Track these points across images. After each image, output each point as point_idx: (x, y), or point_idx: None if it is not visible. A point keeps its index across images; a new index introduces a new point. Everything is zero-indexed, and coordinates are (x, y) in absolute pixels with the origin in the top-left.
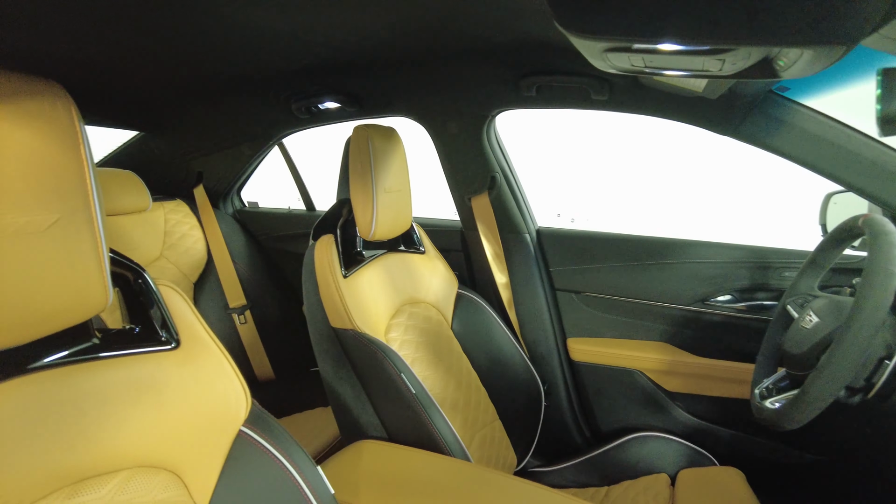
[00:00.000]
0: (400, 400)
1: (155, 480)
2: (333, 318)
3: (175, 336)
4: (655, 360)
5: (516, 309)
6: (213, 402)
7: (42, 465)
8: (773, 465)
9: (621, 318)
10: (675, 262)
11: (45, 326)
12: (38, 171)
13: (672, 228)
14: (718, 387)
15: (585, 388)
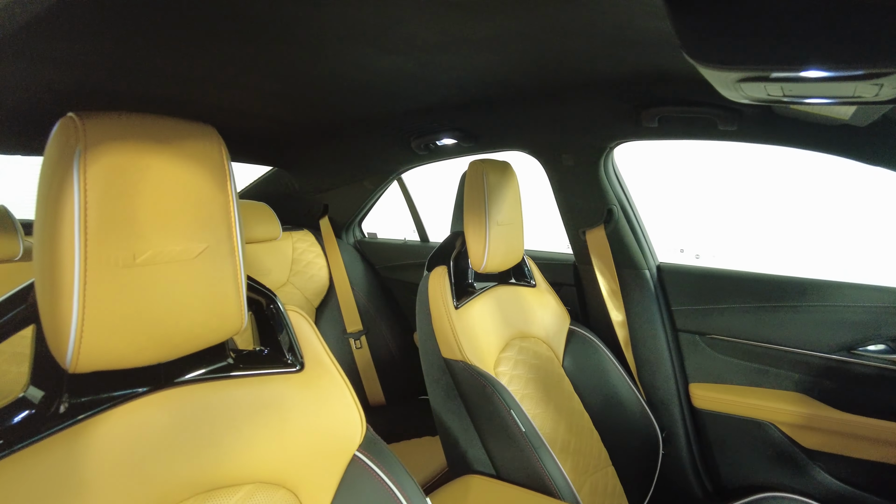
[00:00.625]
0: (509, 437)
1: (275, 497)
2: (444, 348)
3: (300, 359)
4: (791, 412)
5: (633, 349)
6: (332, 425)
7: (181, 472)
8: None
9: (751, 365)
10: (815, 305)
11: (190, 345)
12: (193, 205)
13: (810, 268)
14: (871, 449)
15: (708, 438)
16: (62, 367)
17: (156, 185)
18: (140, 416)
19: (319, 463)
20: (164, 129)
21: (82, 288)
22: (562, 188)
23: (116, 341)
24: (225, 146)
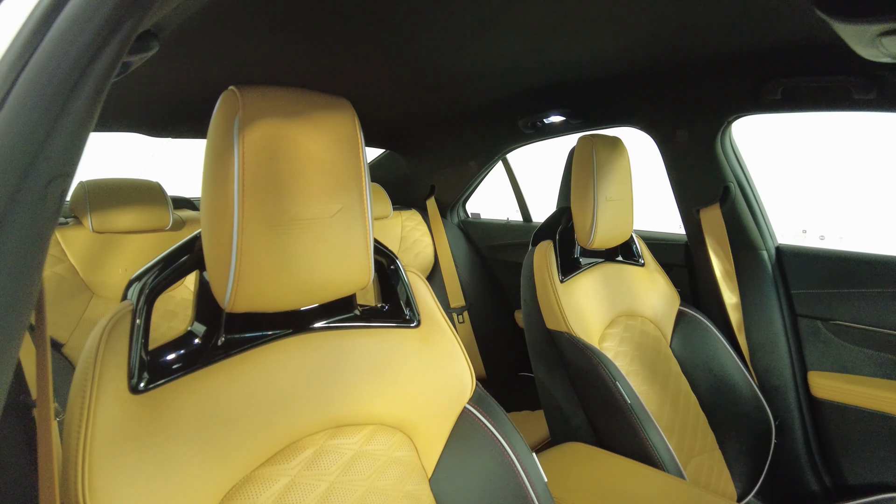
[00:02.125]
0: (614, 409)
1: (393, 439)
2: (549, 320)
3: (417, 316)
4: None
5: (747, 333)
6: (445, 379)
7: (315, 407)
8: None
9: (885, 355)
10: None
11: (324, 294)
12: (331, 169)
13: None
14: None
15: (828, 431)
16: (221, 307)
17: (299, 149)
18: (282, 355)
19: (433, 412)
20: (307, 100)
21: (240, 239)
22: (675, 165)
23: (264, 287)
24: (357, 118)
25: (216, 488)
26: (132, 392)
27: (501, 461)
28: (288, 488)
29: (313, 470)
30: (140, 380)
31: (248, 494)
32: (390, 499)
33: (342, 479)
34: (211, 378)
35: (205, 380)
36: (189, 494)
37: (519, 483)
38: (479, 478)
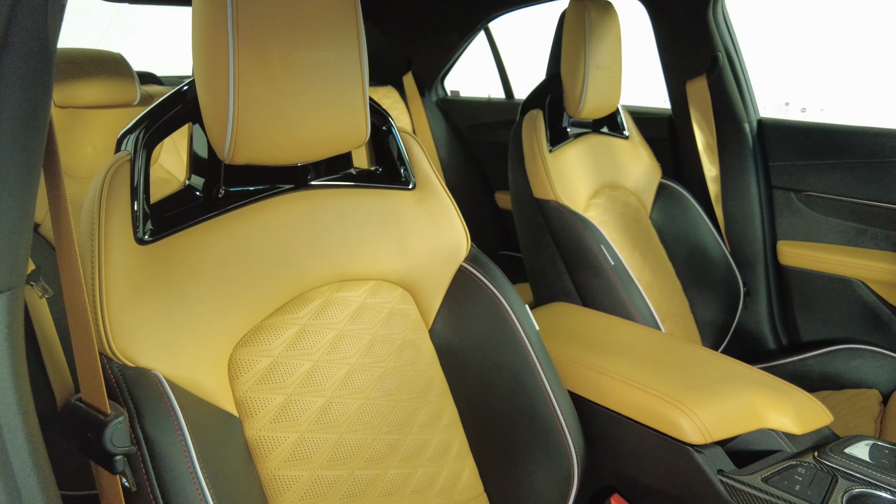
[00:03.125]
0: (597, 270)
1: (395, 293)
2: (537, 188)
3: (412, 178)
4: (884, 270)
5: (723, 204)
6: (441, 238)
7: (318, 262)
8: None
9: (848, 223)
10: None
11: (322, 149)
12: (326, 15)
13: None
14: None
15: (790, 294)
16: (220, 158)
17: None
18: (284, 210)
19: (431, 270)
20: None
21: (236, 84)
22: (666, 34)
23: (264, 136)
24: None
25: (230, 336)
26: (139, 244)
27: (497, 312)
28: (299, 335)
29: (321, 319)
30: (145, 231)
31: (261, 341)
32: (394, 346)
33: (349, 327)
34: (216, 231)
35: (210, 232)
36: (205, 341)
37: (513, 330)
38: (476, 328)
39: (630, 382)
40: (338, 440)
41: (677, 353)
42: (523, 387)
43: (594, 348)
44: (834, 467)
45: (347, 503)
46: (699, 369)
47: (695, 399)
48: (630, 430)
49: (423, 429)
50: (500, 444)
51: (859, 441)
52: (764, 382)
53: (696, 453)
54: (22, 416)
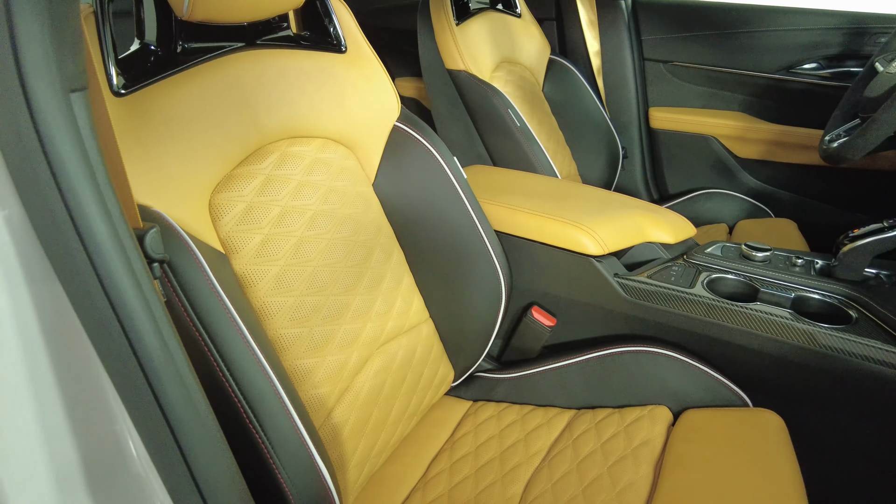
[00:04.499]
0: (507, 133)
1: (340, 150)
2: (448, 60)
3: (343, 43)
4: (731, 126)
5: (604, 77)
6: (374, 99)
7: (274, 118)
8: (827, 225)
9: (705, 89)
10: (765, 30)
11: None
12: None
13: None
14: (788, 153)
15: (660, 154)
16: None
17: None
18: (236, 68)
19: (368, 129)
20: None
21: None
22: None
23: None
24: None
25: (206, 182)
26: (115, 95)
27: (432, 165)
28: (266, 184)
29: (283, 170)
30: (119, 84)
31: (234, 187)
32: (347, 197)
33: (307, 179)
34: (181, 86)
35: (176, 87)
36: (187, 185)
37: (447, 179)
38: (414, 180)
39: (540, 214)
40: (313, 272)
41: (576, 191)
42: (458, 227)
43: (509, 194)
44: (697, 263)
45: (327, 322)
46: (594, 202)
47: (593, 221)
48: (543, 253)
49: (379, 265)
50: (442, 277)
51: (713, 244)
52: (646, 206)
53: (597, 262)
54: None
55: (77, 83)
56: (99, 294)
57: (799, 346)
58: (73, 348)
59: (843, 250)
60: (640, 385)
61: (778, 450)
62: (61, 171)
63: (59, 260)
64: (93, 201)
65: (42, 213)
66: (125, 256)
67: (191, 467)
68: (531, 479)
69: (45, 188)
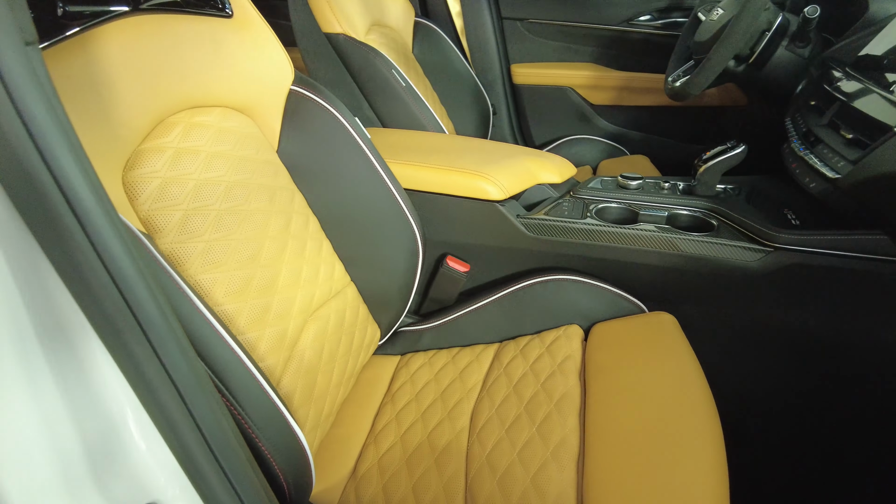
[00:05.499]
0: (393, 94)
1: (240, 119)
2: (323, 23)
3: (228, 6)
4: (585, 76)
5: (467, 37)
6: (266, 63)
7: (172, 88)
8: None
9: (560, 43)
10: None
11: None
12: None
13: None
14: (635, 97)
15: (525, 108)
16: None
17: None
18: (128, 35)
19: (263, 95)
20: None
21: None
22: None
23: None
24: None
25: (114, 160)
26: None
27: (334, 125)
28: (175, 157)
29: (190, 142)
30: None
31: (145, 164)
32: (256, 165)
33: (215, 149)
34: (74, 57)
35: (70, 57)
36: (100, 163)
37: (352, 140)
38: (318, 142)
39: (444, 168)
40: (238, 244)
41: (471, 145)
42: (369, 188)
43: (410, 152)
44: (583, 197)
45: (261, 295)
46: (488, 152)
47: (492, 169)
48: (451, 204)
49: (299, 233)
50: (359, 240)
51: (593, 180)
52: (533, 153)
53: (500, 206)
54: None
55: (29, 36)
56: (94, 259)
57: (677, 255)
58: (61, 328)
59: (700, 171)
60: (552, 310)
61: (675, 342)
62: (37, 131)
63: (45, 228)
64: (73, 164)
65: (20, 179)
66: (112, 219)
67: (203, 431)
68: (475, 410)
69: (20, 150)
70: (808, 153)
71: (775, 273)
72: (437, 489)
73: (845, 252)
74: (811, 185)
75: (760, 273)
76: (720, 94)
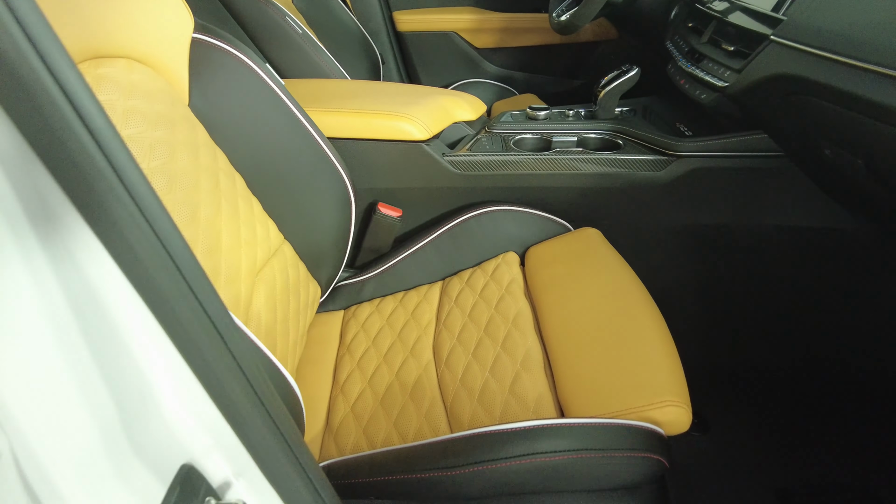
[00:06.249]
0: (290, 43)
1: (146, 71)
2: None
3: None
4: (467, 20)
5: None
6: (163, 10)
7: (68, 34)
8: (556, 92)
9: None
10: None
11: None
12: None
13: None
14: (516, 38)
15: (411, 55)
16: None
17: None
18: None
19: (163, 44)
20: None
21: None
22: None
23: None
24: None
25: None
26: None
27: (246, 74)
28: None
29: (102, 95)
30: None
31: None
32: (172, 121)
33: (129, 104)
34: None
35: None
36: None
37: (268, 87)
38: (232, 94)
39: (364, 112)
40: (174, 206)
41: (383, 88)
42: (293, 139)
43: (326, 99)
44: (498, 132)
45: (209, 256)
46: (403, 94)
47: (412, 110)
48: (376, 149)
49: (229, 192)
50: (288, 196)
51: (504, 114)
52: (447, 92)
53: (426, 146)
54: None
55: None
56: (121, 189)
57: (593, 174)
58: (94, 298)
59: (600, 97)
60: (487, 241)
61: (603, 252)
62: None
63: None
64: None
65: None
66: (127, 153)
67: (243, 370)
68: (435, 343)
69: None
70: (695, 68)
71: (679, 179)
72: (419, 421)
73: (735, 152)
74: (702, 97)
75: (666, 181)
76: (594, 30)
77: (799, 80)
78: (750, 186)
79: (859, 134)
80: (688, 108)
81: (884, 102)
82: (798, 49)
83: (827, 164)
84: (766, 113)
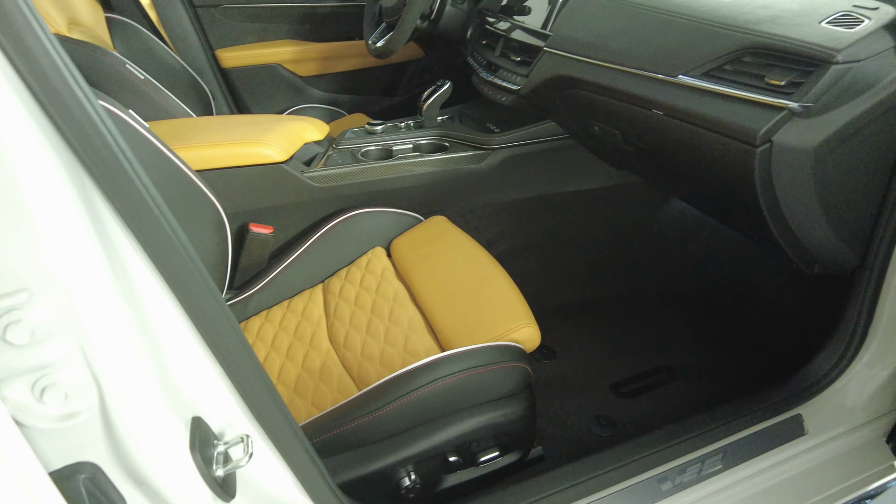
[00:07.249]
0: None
1: None
2: None
3: None
4: (288, 52)
5: (165, 29)
6: None
7: None
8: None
9: (258, 24)
10: None
11: None
12: None
13: None
14: (334, 64)
15: (240, 91)
16: None
17: None
18: None
19: None
20: None
21: None
22: None
23: None
24: None
25: None
26: None
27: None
28: None
29: None
30: None
31: None
32: None
33: None
34: None
35: None
36: None
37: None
38: None
39: (223, 144)
40: None
41: (232, 120)
42: (168, 176)
43: (183, 136)
44: (345, 147)
45: None
46: (255, 123)
47: (267, 136)
48: (241, 175)
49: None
50: None
51: (346, 132)
52: (293, 118)
53: (286, 166)
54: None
55: None
56: (140, 185)
57: (430, 172)
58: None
59: (424, 109)
60: (355, 241)
61: (452, 232)
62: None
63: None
64: None
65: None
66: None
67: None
68: (330, 333)
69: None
70: (493, 77)
71: (495, 167)
72: (334, 395)
73: (533, 139)
74: (503, 99)
75: (486, 170)
76: (404, 52)
77: (570, 80)
78: (549, 164)
79: (615, 114)
80: (494, 110)
81: (627, 91)
82: (564, 56)
83: (597, 137)
84: (552, 106)
